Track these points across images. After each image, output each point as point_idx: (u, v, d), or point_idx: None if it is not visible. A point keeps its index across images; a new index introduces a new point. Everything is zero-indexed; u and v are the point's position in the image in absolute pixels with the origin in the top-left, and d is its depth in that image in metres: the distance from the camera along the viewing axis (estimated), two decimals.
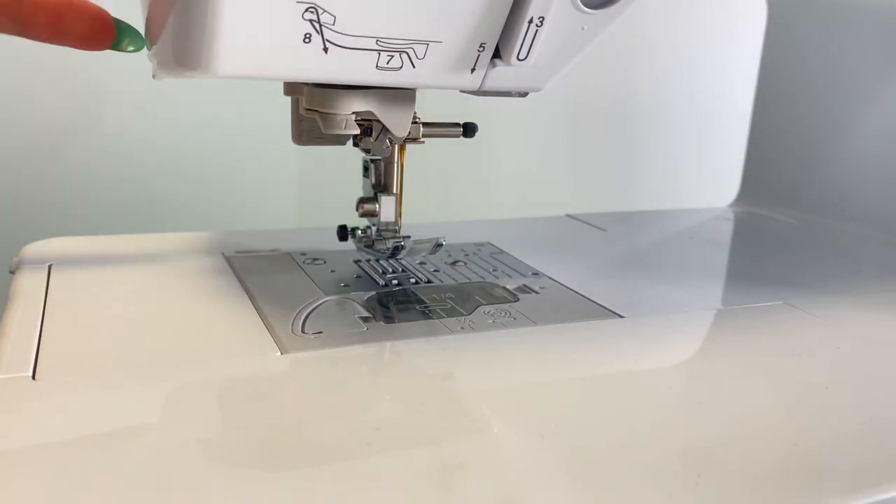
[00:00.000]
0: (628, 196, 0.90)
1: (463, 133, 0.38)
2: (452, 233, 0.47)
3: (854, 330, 0.36)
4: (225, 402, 0.26)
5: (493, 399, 0.28)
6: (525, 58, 0.30)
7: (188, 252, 0.43)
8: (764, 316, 0.37)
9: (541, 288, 0.40)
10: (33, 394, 0.26)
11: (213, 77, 0.27)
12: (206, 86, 0.66)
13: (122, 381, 0.27)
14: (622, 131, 0.87)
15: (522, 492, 0.22)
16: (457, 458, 0.24)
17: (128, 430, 0.24)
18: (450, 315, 0.35)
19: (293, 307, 0.35)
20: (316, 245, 0.45)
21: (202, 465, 0.22)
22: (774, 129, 0.64)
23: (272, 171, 0.71)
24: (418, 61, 0.29)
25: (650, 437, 0.25)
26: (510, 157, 0.82)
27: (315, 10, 0.26)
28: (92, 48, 0.31)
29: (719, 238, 0.55)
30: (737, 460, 0.24)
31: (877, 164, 0.56)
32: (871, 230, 0.56)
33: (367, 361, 0.30)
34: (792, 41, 0.61)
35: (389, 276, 0.40)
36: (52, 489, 0.21)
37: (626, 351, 0.33)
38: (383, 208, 0.38)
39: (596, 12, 0.31)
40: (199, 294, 0.36)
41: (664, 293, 0.40)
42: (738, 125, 0.71)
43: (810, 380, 0.31)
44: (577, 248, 0.49)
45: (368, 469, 0.23)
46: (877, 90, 0.56)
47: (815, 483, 0.24)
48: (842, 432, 0.27)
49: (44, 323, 0.32)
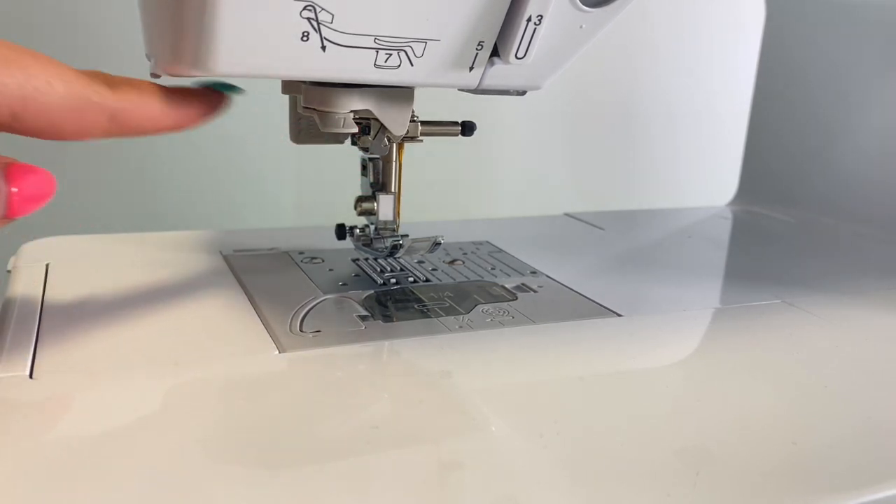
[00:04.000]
0: (627, 195, 0.90)
1: (461, 132, 0.38)
2: (451, 231, 0.47)
3: (853, 328, 0.36)
4: (223, 400, 0.26)
5: (491, 398, 0.28)
6: (523, 56, 0.30)
7: (186, 251, 0.43)
8: (762, 314, 0.38)
9: (539, 287, 0.40)
10: (31, 393, 0.26)
11: (211, 75, 0.27)
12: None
13: (120, 380, 0.27)
14: (621, 130, 0.87)
15: (520, 490, 0.22)
16: (455, 456, 0.23)
17: (126, 429, 0.24)
18: (448, 314, 0.35)
19: (291, 306, 0.35)
20: (314, 244, 0.45)
21: (200, 463, 0.22)
22: (773, 127, 0.64)
23: (270, 169, 0.71)
24: (416, 60, 0.29)
25: (648, 436, 0.25)
26: (508, 156, 0.82)
27: (313, 8, 0.26)
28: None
29: (718, 237, 0.55)
30: (735, 459, 0.24)
31: (875, 162, 0.56)
32: (870, 229, 0.56)
33: (365, 360, 0.30)
34: (790, 40, 0.61)
35: (388, 274, 0.40)
36: (51, 489, 0.21)
37: (624, 349, 0.33)
38: (381, 207, 0.38)
39: (594, 11, 0.31)
40: (197, 293, 0.36)
41: (662, 292, 0.40)
42: (736, 124, 0.71)
43: (809, 378, 0.31)
44: (576, 247, 0.49)
45: (366, 468, 0.23)
46: (875, 89, 0.56)
47: (814, 482, 0.24)
48: (840, 431, 0.27)
49: (41, 322, 0.32)
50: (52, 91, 0.25)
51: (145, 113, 0.28)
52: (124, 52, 0.59)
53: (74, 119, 0.26)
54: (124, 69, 0.30)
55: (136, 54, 0.34)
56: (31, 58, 0.25)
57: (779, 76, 0.63)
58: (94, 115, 0.27)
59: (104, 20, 0.63)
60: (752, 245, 0.54)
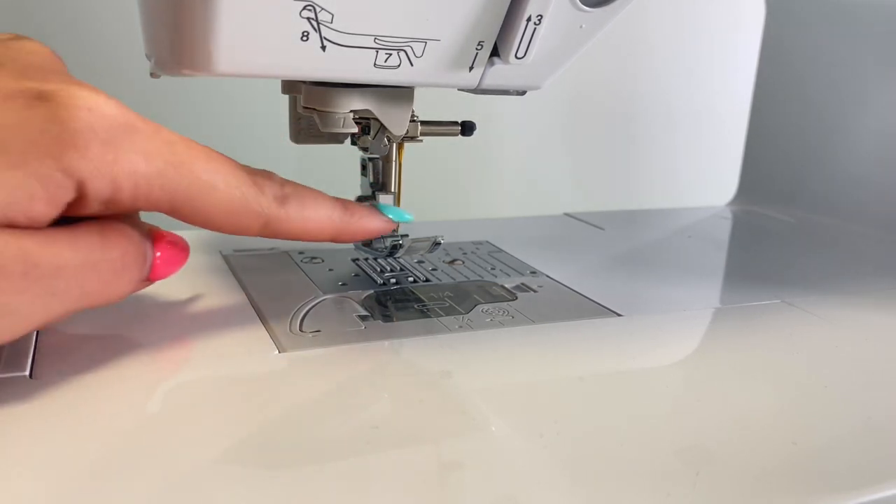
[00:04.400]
0: (626, 195, 0.90)
1: (461, 131, 0.38)
2: (450, 231, 0.47)
3: (852, 328, 0.36)
4: (222, 400, 0.26)
5: (491, 397, 0.28)
6: (523, 56, 0.30)
7: None
8: (762, 314, 0.38)
9: (539, 286, 0.40)
10: (31, 393, 0.26)
11: (210, 75, 0.27)
12: (204, 84, 0.66)
13: (120, 380, 0.27)
14: (620, 130, 0.87)
15: (520, 490, 0.22)
16: (455, 456, 0.23)
17: (125, 430, 0.24)
18: (448, 314, 0.35)
19: (291, 306, 0.35)
20: (314, 244, 0.45)
21: (200, 463, 0.22)
22: (773, 127, 0.64)
23: (270, 169, 0.71)
24: (416, 59, 0.29)
25: (648, 436, 0.25)
26: (508, 156, 0.82)
27: (313, 7, 0.26)
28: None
29: (717, 236, 0.55)
30: (735, 459, 0.24)
31: (875, 162, 0.56)
32: (870, 228, 0.56)
33: (365, 360, 0.30)
34: (790, 40, 0.61)
35: (387, 274, 0.40)
36: (50, 489, 0.21)
37: (624, 349, 0.33)
38: None
39: (594, 10, 0.31)
40: (196, 293, 0.36)
41: (662, 292, 0.40)
42: (736, 124, 0.71)
43: (809, 378, 0.31)
44: (576, 247, 0.49)
45: (366, 468, 0.23)
46: (874, 89, 0.56)
47: (814, 481, 0.24)
48: (840, 431, 0.27)
49: None
50: (212, 193, 0.26)
51: (300, 226, 0.30)
52: (124, 52, 0.59)
53: (230, 221, 0.27)
54: (124, 69, 0.30)
55: (136, 54, 0.34)
56: (203, 156, 0.26)
57: (779, 76, 0.63)
58: (249, 221, 0.28)
59: (104, 20, 0.63)
60: (752, 245, 0.54)
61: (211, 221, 0.27)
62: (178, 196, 0.25)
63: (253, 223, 0.28)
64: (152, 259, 0.27)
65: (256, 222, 0.28)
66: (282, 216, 0.29)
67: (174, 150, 0.25)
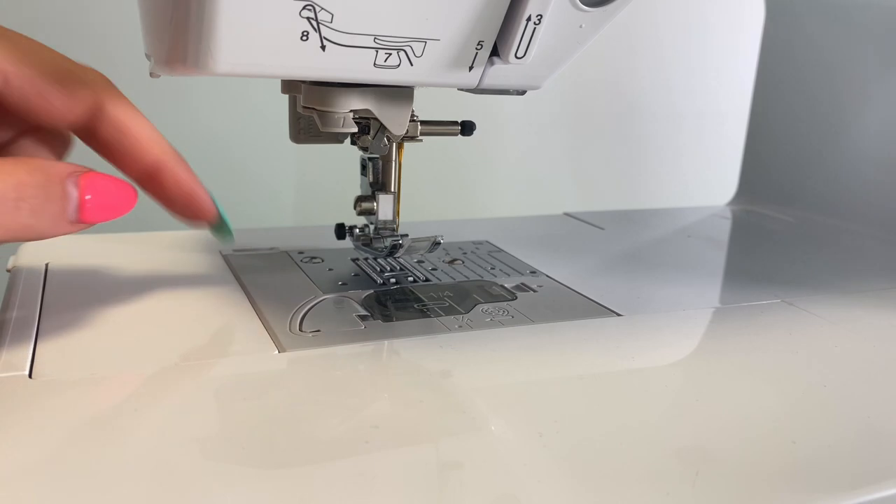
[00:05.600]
0: (626, 194, 0.90)
1: (461, 131, 0.38)
2: (450, 231, 0.47)
3: (852, 328, 0.36)
4: (223, 400, 0.26)
5: (490, 397, 0.28)
6: (523, 56, 0.30)
7: (186, 251, 0.43)
8: (762, 314, 0.38)
9: (539, 286, 0.40)
10: (30, 392, 0.26)
11: (210, 75, 0.27)
12: (204, 84, 0.66)
13: (120, 380, 0.27)
14: (620, 130, 0.87)
15: (520, 490, 0.22)
16: (454, 456, 0.23)
17: (125, 429, 0.24)
18: (448, 313, 0.35)
19: (291, 305, 0.35)
20: (314, 243, 0.45)
21: (200, 463, 0.22)
22: (773, 127, 0.64)
23: (270, 169, 0.71)
24: (416, 59, 0.29)
25: (648, 435, 0.25)
26: (508, 156, 0.82)
27: (312, 7, 0.26)
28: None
29: (717, 236, 0.55)
30: (735, 458, 0.24)
31: (874, 162, 0.56)
32: (870, 228, 0.56)
33: (364, 360, 0.30)
34: (790, 40, 0.61)
35: (387, 274, 0.40)
36: (50, 488, 0.21)
37: (623, 349, 0.33)
38: (381, 206, 0.38)
39: (594, 10, 0.31)
40: (196, 293, 0.36)
41: (662, 291, 0.40)
42: (736, 123, 0.71)
43: (808, 378, 0.31)
44: (575, 247, 0.49)
45: (366, 467, 0.23)
46: (874, 89, 0.56)
47: (814, 482, 0.24)
48: (840, 431, 0.27)
49: (41, 321, 0.32)
50: (42, 52, 0.27)
51: (128, 123, 0.30)
52: (124, 51, 0.59)
53: (61, 94, 0.28)
54: (124, 69, 0.30)
55: (136, 54, 0.34)
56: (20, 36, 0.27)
57: (779, 76, 0.63)
58: (82, 94, 0.28)
59: (104, 20, 0.63)
60: (752, 245, 0.54)
61: (43, 95, 0.27)
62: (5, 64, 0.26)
63: (86, 98, 0.28)
64: (78, 199, 0.26)
65: (88, 98, 0.28)
66: (115, 96, 0.29)
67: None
